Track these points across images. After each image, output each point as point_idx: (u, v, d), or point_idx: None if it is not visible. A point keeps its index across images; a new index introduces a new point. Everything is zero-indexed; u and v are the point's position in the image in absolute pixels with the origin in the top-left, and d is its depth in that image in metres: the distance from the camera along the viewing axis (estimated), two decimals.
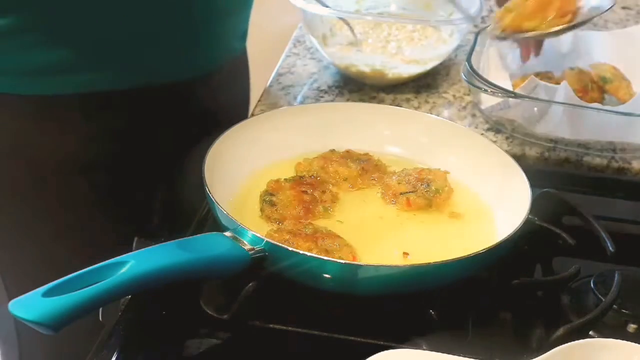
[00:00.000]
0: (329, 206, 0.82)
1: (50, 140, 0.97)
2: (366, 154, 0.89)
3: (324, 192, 0.83)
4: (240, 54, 1.18)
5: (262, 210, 0.80)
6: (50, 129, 0.97)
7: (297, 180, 0.83)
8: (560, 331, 0.68)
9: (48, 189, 1.00)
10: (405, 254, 0.76)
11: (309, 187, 0.82)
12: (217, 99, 1.12)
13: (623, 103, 1.03)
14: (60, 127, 0.97)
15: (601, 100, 1.07)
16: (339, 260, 0.70)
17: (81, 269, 0.63)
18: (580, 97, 1.02)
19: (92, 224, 1.03)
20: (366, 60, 1.14)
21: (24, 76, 0.94)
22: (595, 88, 1.07)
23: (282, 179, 0.83)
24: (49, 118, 0.96)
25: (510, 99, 1.00)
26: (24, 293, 0.60)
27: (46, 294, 0.59)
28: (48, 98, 0.95)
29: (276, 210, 0.79)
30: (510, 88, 1.05)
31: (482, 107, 1.06)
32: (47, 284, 0.61)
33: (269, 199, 0.80)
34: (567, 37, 1.15)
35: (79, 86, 0.95)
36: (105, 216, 1.04)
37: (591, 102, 1.01)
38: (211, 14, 1.03)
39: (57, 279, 0.61)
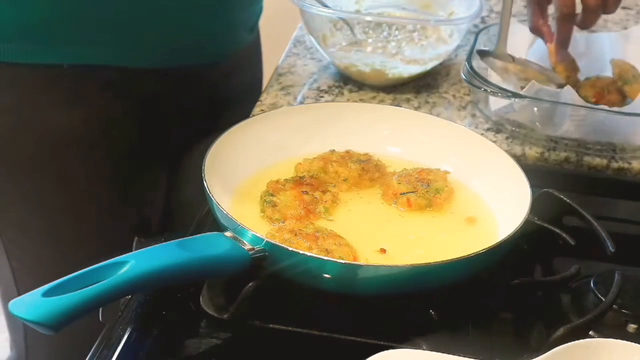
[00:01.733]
0: (329, 206, 0.82)
1: (57, 115, 0.98)
2: (366, 154, 0.89)
3: (324, 192, 0.83)
4: (248, 45, 1.19)
5: (263, 210, 0.80)
6: (59, 103, 0.97)
7: (297, 181, 0.83)
8: (560, 331, 0.68)
9: (55, 165, 1.00)
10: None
11: (309, 188, 0.82)
12: (222, 88, 1.13)
13: None
14: (68, 102, 0.98)
15: (621, 103, 1.05)
16: (339, 260, 0.70)
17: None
18: (595, 102, 1.01)
19: (97, 202, 1.04)
20: (366, 60, 1.14)
21: (39, 43, 0.94)
22: (614, 90, 1.06)
23: (282, 179, 0.83)
24: (57, 91, 0.97)
25: (516, 102, 1.00)
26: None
27: (46, 294, 0.59)
28: (58, 69, 0.96)
29: (277, 210, 0.79)
30: None
31: (491, 108, 1.06)
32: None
33: (270, 199, 0.80)
34: (582, 38, 1.16)
35: (89, 57, 0.96)
36: (110, 196, 1.05)
37: (610, 105, 1.01)
38: (225, 4, 1.04)
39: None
